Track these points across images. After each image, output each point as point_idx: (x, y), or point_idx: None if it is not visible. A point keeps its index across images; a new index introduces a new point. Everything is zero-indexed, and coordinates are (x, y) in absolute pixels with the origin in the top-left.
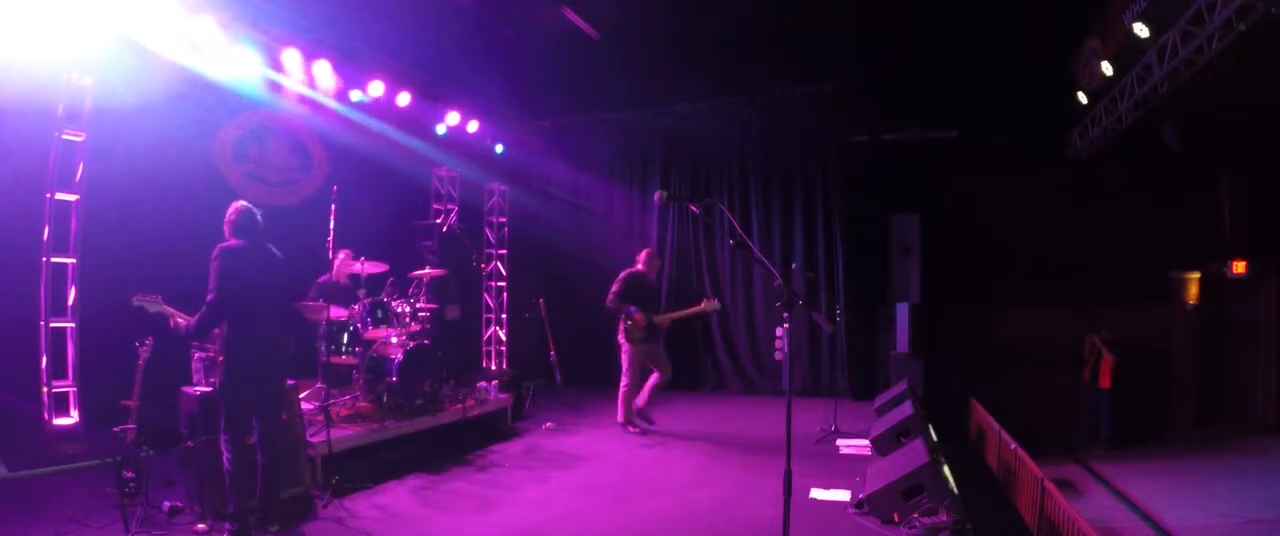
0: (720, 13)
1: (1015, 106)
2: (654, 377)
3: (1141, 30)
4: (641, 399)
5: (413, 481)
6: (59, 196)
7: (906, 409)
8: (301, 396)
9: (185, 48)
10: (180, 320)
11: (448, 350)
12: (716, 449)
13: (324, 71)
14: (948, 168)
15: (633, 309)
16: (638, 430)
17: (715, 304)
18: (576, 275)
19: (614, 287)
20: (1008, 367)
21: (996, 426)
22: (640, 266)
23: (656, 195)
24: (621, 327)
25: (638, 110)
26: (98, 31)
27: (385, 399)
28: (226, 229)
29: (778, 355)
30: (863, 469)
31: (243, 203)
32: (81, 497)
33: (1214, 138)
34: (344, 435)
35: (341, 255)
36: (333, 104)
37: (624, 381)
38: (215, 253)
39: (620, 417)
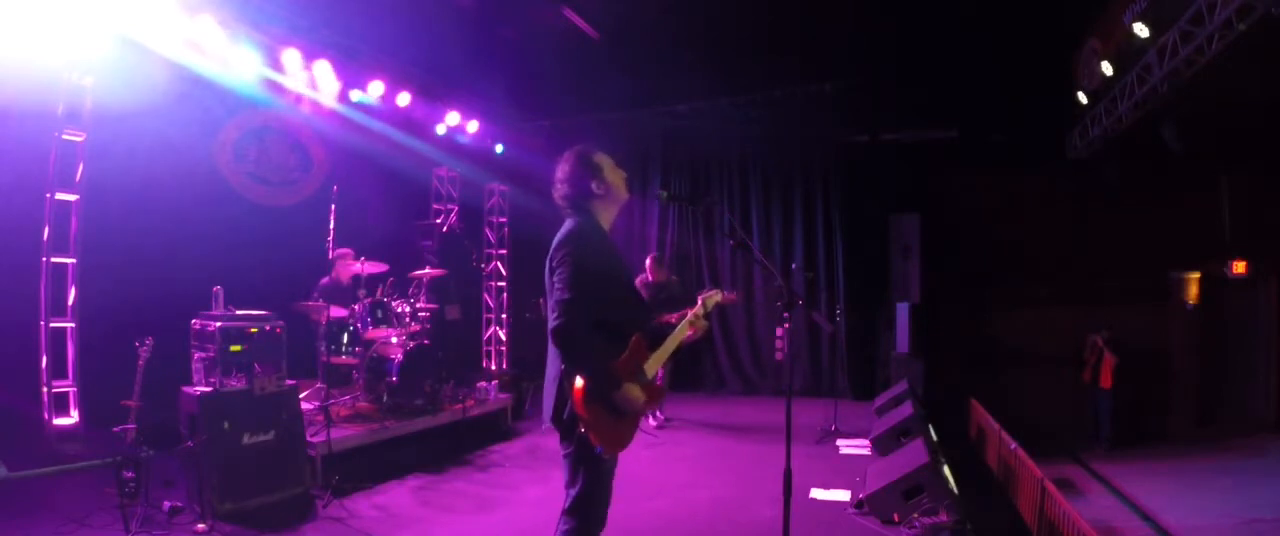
0: (720, 13)
1: (1015, 106)
2: None
3: (1141, 30)
4: None
5: (413, 481)
6: (59, 196)
7: (906, 409)
8: (301, 396)
9: (185, 48)
10: None
11: (448, 350)
12: (716, 449)
13: (324, 71)
14: (948, 168)
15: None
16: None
17: None
18: None
19: None
20: (1008, 367)
21: (996, 426)
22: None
23: (657, 195)
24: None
25: (638, 110)
26: (98, 32)
27: (385, 399)
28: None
29: (778, 355)
30: (863, 469)
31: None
32: (81, 497)
33: (1214, 138)
34: (344, 435)
35: (342, 255)
36: (333, 104)
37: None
38: None
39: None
